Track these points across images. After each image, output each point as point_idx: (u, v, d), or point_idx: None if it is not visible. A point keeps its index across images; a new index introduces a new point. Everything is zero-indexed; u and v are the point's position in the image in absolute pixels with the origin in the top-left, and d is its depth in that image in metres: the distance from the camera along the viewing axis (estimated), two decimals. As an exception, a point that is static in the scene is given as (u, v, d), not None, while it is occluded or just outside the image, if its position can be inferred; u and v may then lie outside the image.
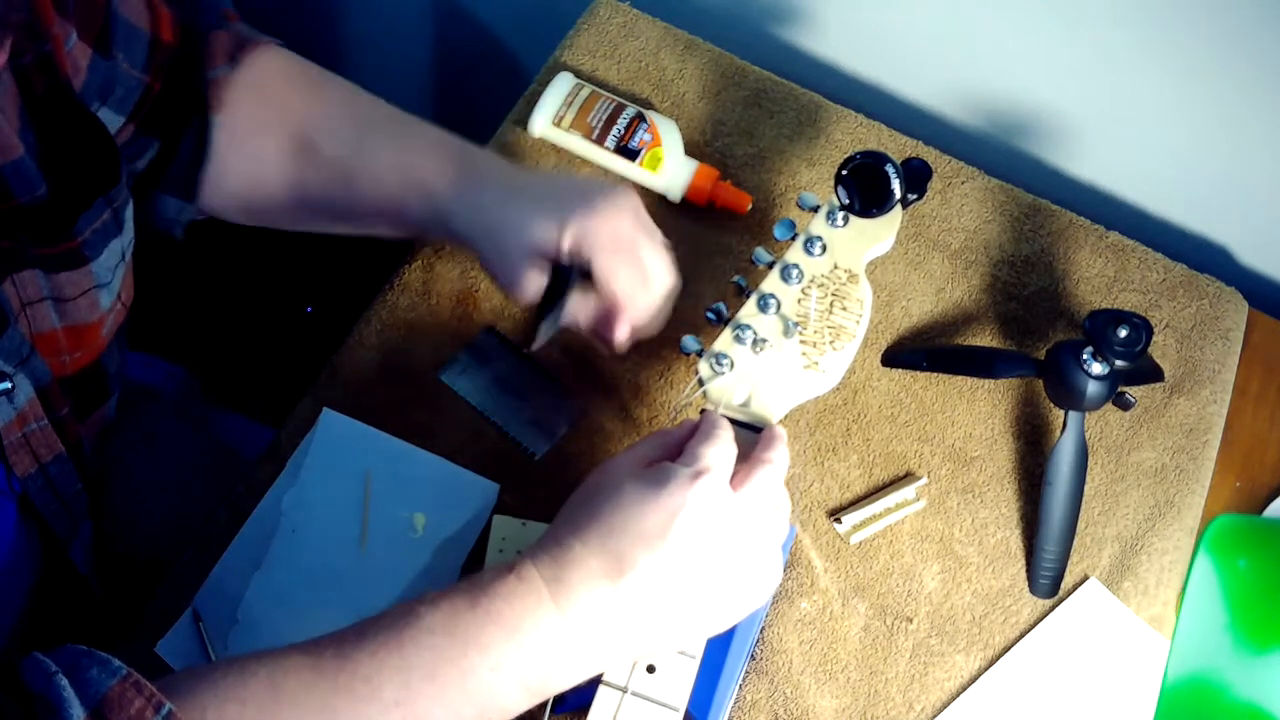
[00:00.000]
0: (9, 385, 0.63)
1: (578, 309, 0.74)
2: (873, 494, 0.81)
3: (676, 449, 0.63)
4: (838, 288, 0.70)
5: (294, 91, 0.78)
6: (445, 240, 0.77)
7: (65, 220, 0.64)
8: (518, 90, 0.94)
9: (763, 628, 0.75)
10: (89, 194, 0.66)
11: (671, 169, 0.88)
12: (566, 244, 0.70)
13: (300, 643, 0.56)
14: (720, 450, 0.61)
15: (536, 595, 0.56)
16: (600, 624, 0.57)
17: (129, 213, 0.70)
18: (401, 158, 0.75)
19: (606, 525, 0.57)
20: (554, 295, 0.72)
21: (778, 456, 0.62)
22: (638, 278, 0.71)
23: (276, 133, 0.77)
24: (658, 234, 0.73)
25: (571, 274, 0.71)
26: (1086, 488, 0.78)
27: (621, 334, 0.73)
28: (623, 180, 0.90)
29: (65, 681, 0.50)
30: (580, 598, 0.56)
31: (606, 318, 0.73)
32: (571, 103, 0.90)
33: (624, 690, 0.62)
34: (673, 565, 0.57)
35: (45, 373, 0.67)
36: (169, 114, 0.75)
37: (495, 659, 0.55)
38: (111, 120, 0.71)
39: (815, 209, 0.72)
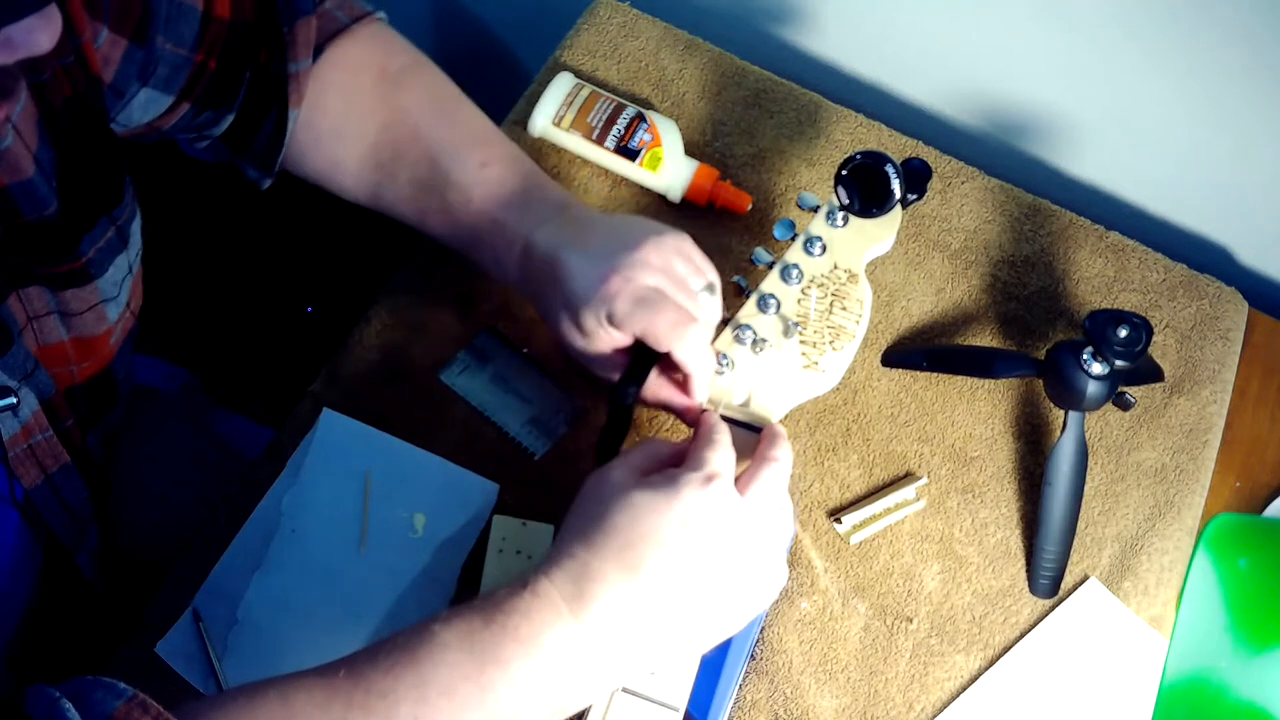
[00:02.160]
0: (14, 400, 0.62)
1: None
2: (873, 494, 0.81)
3: (672, 456, 0.63)
4: (838, 288, 0.70)
5: (378, 95, 0.77)
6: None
7: (68, 242, 0.64)
8: (518, 90, 0.94)
9: (763, 628, 0.75)
10: (92, 214, 0.65)
11: (671, 169, 0.88)
12: (604, 326, 0.67)
13: (310, 668, 0.55)
14: (725, 454, 0.61)
15: (554, 609, 0.56)
16: (619, 632, 0.57)
17: (135, 226, 0.70)
18: (470, 206, 0.74)
19: (620, 535, 0.57)
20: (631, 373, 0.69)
21: (782, 454, 0.62)
22: (669, 317, 0.66)
23: (357, 143, 0.77)
24: (699, 276, 0.69)
25: (626, 402, 0.68)
26: (1086, 488, 0.78)
27: (697, 398, 0.69)
28: (624, 181, 0.90)
29: (69, 705, 0.49)
30: (599, 607, 0.56)
31: (671, 391, 0.70)
32: (571, 103, 0.90)
33: (624, 690, 0.62)
34: (687, 570, 0.57)
35: (50, 385, 0.67)
36: (246, 96, 0.75)
37: (513, 675, 0.55)
38: (157, 99, 0.71)
39: (815, 209, 0.72)
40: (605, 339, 0.68)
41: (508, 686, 0.55)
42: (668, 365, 0.69)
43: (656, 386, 0.70)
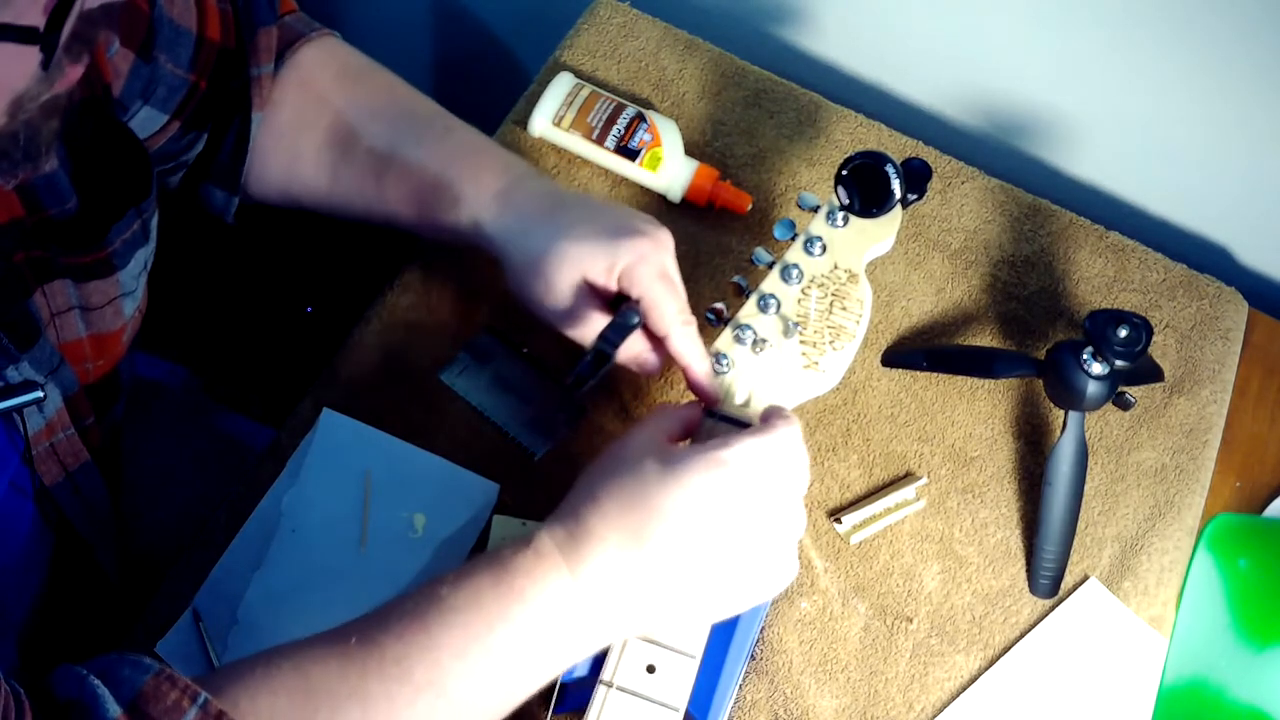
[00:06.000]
0: (40, 394, 0.63)
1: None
2: (873, 494, 0.81)
3: (692, 425, 0.65)
4: (838, 288, 0.70)
5: (336, 86, 0.79)
6: (477, 249, 0.76)
7: (98, 231, 0.66)
8: (518, 90, 0.94)
9: (763, 628, 0.75)
10: (121, 205, 0.67)
11: (671, 169, 0.88)
12: (617, 276, 0.69)
13: (320, 633, 0.57)
14: (737, 440, 0.61)
15: (554, 565, 0.57)
16: (614, 591, 0.58)
17: (155, 222, 0.72)
18: (435, 160, 0.75)
19: (625, 501, 0.58)
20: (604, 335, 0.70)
21: (782, 432, 0.62)
22: (682, 308, 0.70)
23: (315, 127, 0.78)
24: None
25: (630, 322, 0.69)
26: (1086, 488, 0.78)
27: (676, 356, 0.71)
28: (624, 181, 0.90)
29: (98, 682, 0.50)
30: (593, 566, 0.57)
31: (647, 346, 0.72)
32: (571, 103, 0.90)
33: (624, 690, 0.62)
34: (688, 545, 0.58)
35: (73, 382, 0.68)
36: (214, 110, 0.76)
37: (520, 633, 0.56)
38: (154, 118, 0.73)
39: (815, 209, 0.72)
40: (600, 280, 0.69)
41: (515, 645, 0.56)
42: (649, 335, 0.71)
43: (637, 347, 0.72)
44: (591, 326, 0.71)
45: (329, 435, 0.78)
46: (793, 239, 0.71)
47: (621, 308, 0.70)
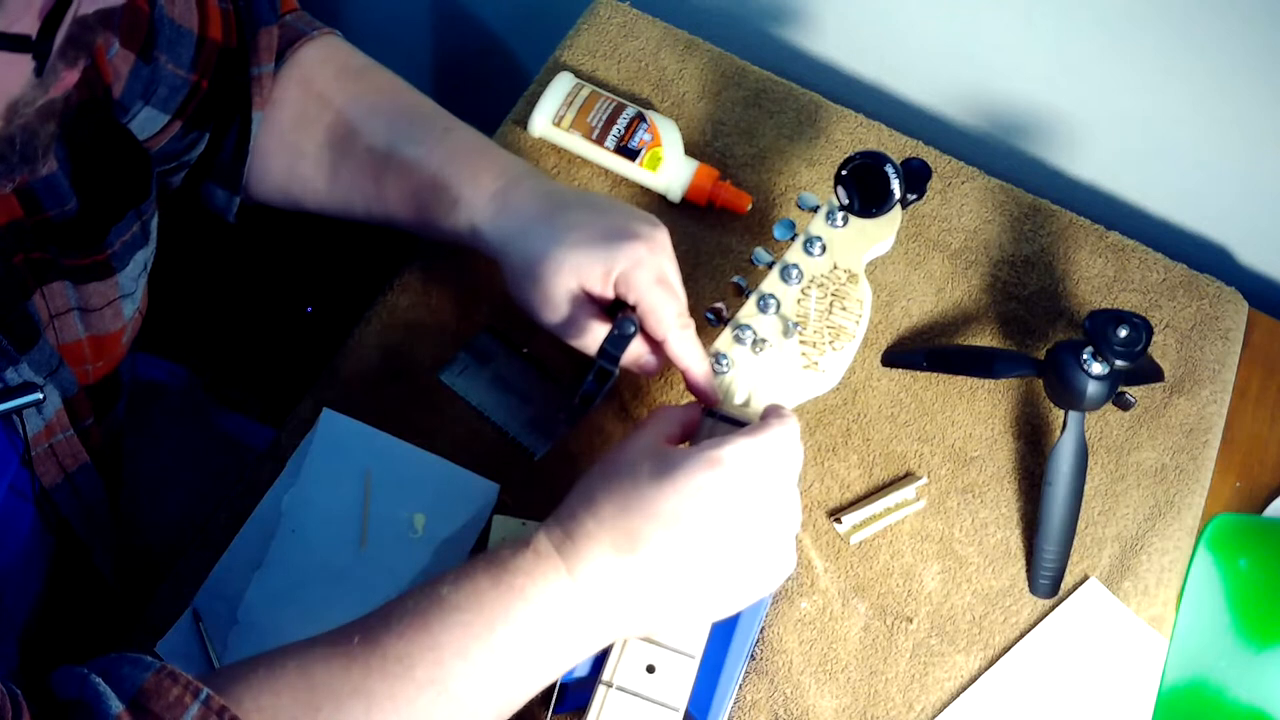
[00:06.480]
0: (40, 395, 0.63)
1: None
2: (873, 494, 0.81)
3: (691, 427, 0.65)
4: (837, 288, 0.70)
5: (337, 85, 0.79)
6: (475, 249, 0.76)
7: (98, 233, 0.66)
8: (518, 90, 0.94)
9: (763, 628, 0.75)
10: (121, 207, 0.67)
11: (671, 169, 0.88)
12: (613, 283, 0.69)
13: (323, 633, 0.57)
14: (733, 440, 0.61)
15: (553, 565, 0.58)
16: (612, 593, 0.58)
17: (154, 224, 0.72)
18: (434, 159, 0.75)
19: (620, 505, 0.58)
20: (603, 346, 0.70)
21: (781, 429, 0.63)
22: (680, 310, 0.70)
23: (315, 126, 0.78)
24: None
25: (627, 332, 0.69)
26: (1086, 488, 0.78)
27: (675, 359, 0.71)
28: (624, 181, 0.90)
29: (99, 680, 0.51)
30: (590, 567, 0.58)
31: (646, 349, 0.72)
32: (571, 103, 0.90)
33: (624, 690, 0.62)
34: (684, 547, 0.58)
35: (72, 383, 0.68)
36: (216, 110, 0.76)
37: (521, 631, 0.57)
38: (155, 118, 0.73)
39: (815, 209, 0.72)
40: (596, 288, 0.69)
41: (517, 644, 0.57)
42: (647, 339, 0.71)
43: (636, 350, 0.72)
44: (590, 334, 0.71)
45: (329, 435, 0.78)
46: (792, 239, 0.71)
47: (618, 317, 0.69)
